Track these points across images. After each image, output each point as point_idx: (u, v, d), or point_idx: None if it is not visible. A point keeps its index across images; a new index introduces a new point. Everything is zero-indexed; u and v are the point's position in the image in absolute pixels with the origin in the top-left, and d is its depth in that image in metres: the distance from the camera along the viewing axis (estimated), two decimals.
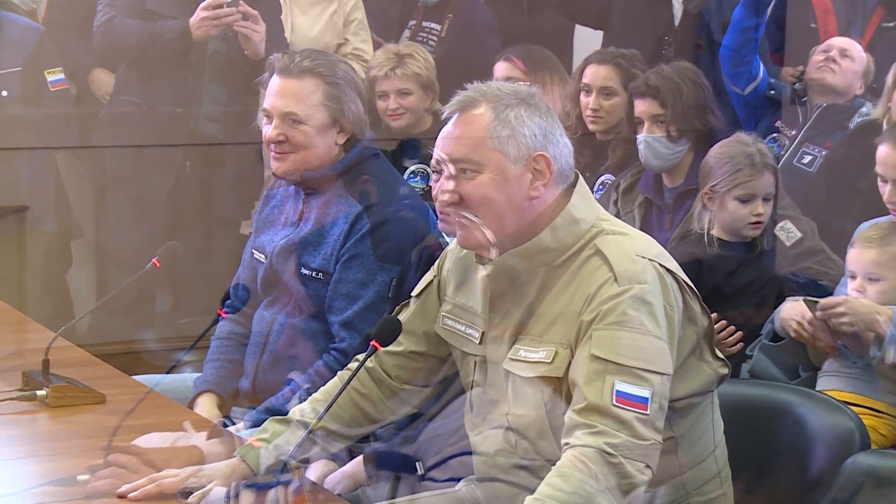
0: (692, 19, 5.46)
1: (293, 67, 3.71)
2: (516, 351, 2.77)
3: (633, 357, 2.62)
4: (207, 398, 3.85)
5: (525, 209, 2.76)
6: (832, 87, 5.03)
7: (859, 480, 2.85)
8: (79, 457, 2.97)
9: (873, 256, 3.69)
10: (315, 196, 3.79)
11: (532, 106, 2.78)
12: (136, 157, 5.50)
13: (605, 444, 2.56)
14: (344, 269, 3.66)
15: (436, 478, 3.02)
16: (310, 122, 3.71)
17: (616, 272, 2.68)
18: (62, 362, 3.57)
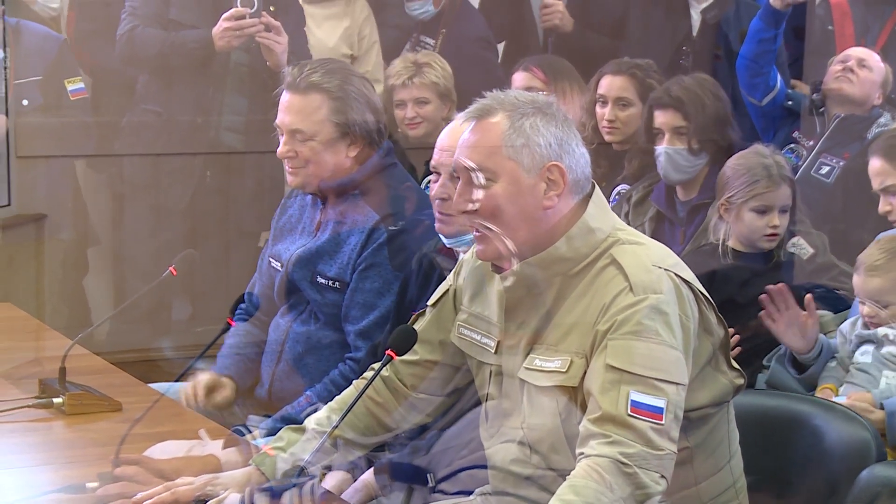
0: (710, 29, 5.44)
1: (300, 82, 3.72)
2: (531, 360, 2.77)
3: (649, 367, 2.61)
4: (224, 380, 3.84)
5: (539, 219, 2.75)
6: (850, 98, 5.01)
7: (875, 491, 2.84)
8: (94, 464, 2.97)
9: (878, 285, 3.68)
10: (332, 206, 3.79)
11: (548, 115, 2.77)
12: (156, 166, 5.52)
13: (619, 454, 2.55)
14: (360, 278, 3.67)
15: (446, 490, 3.01)
16: (317, 137, 3.72)
17: (631, 282, 2.67)
18: (79, 370, 3.59)
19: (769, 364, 3.85)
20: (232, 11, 5.10)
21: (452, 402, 3.05)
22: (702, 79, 4.60)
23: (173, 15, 5.28)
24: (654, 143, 4.53)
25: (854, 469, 2.93)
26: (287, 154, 3.74)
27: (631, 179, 4.82)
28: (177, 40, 5.23)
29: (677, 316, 2.68)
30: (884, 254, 3.70)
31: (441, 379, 3.02)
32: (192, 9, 5.30)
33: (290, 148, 3.74)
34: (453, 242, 3.34)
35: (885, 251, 3.71)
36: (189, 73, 5.29)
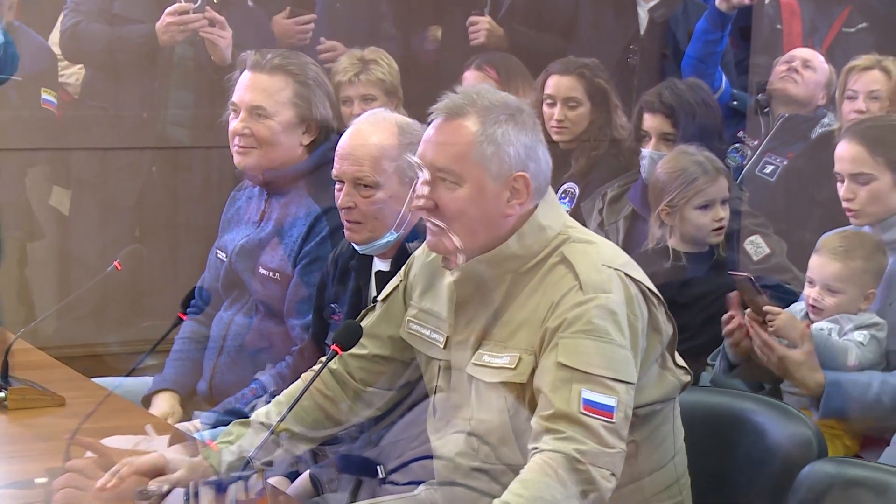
0: (658, 28, 5.47)
1: (265, 63, 3.73)
2: (480, 356, 2.78)
3: (600, 366, 2.63)
4: (165, 396, 3.84)
5: (498, 225, 2.76)
6: (794, 98, 5.05)
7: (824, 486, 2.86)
8: (38, 460, 2.96)
9: (836, 270, 3.67)
10: (277, 196, 3.79)
11: (520, 123, 2.76)
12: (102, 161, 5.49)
13: (573, 450, 2.57)
14: (304, 272, 3.66)
15: (397, 481, 3.02)
16: (276, 117, 3.72)
17: (581, 280, 2.68)
18: (22, 365, 3.56)
19: (713, 362, 3.87)
20: (175, 6, 5.08)
21: (402, 395, 3.06)
22: (695, 85, 4.61)
23: (117, 9, 5.25)
24: (641, 145, 4.54)
25: (796, 466, 2.95)
26: (242, 131, 3.74)
27: (577, 178, 4.83)
28: (122, 35, 5.20)
29: (626, 316, 2.69)
30: (848, 242, 3.69)
31: (391, 373, 3.02)
32: (136, 3, 5.26)
33: (245, 125, 3.74)
34: (364, 249, 3.34)
35: (849, 240, 3.69)
36: (134, 68, 5.26)
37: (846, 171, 3.80)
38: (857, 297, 3.67)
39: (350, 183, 3.27)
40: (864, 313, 3.69)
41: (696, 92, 4.54)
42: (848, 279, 3.66)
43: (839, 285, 3.67)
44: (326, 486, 3.19)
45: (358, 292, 3.37)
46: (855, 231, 3.77)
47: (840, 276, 3.66)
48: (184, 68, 5.28)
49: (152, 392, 3.87)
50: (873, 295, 3.69)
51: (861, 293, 3.67)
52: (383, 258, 3.34)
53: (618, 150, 4.84)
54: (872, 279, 3.68)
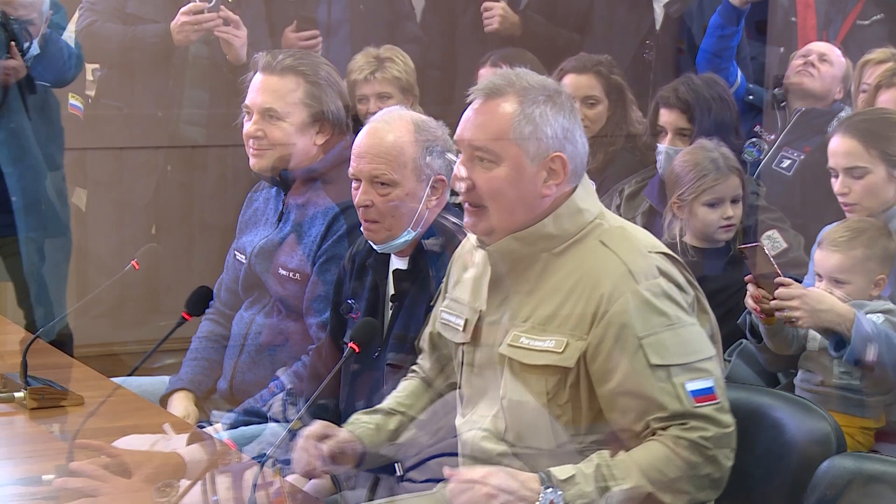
0: (673, 23, 5.46)
1: (276, 65, 3.73)
2: (517, 338, 2.78)
3: (688, 352, 2.70)
4: (181, 396, 3.85)
5: (535, 205, 2.78)
6: (811, 92, 5.04)
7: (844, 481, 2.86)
8: (56, 459, 2.96)
9: (838, 261, 3.67)
10: (294, 196, 3.79)
11: (557, 104, 2.79)
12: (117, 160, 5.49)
13: (699, 438, 2.65)
14: (321, 270, 3.66)
15: (414, 479, 3.02)
16: (289, 119, 3.73)
17: (630, 268, 2.71)
18: (41, 364, 3.56)
19: (730, 358, 3.87)
20: (190, 6, 5.07)
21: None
22: (712, 80, 4.60)
23: (131, 9, 5.25)
24: (657, 140, 4.54)
25: (814, 461, 2.94)
26: (255, 133, 3.75)
27: (595, 174, 4.81)
28: (136, 34, 5.20)
29: (680, 294, 2.74)
30: (848, 232, 3.69)
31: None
32: (150, 2, 5.26)
33: (259, 128, 3.75)
34: (382, 248, 3.34)
35: (850, 230, 3.70)
36: (149, 67, 5.26)
37: (840, 165, 3.80)
38: (865, 284, 3.67)
39: (367, 181, 3.27)
40: (878, 300, 3.69)
41: (713, 87, 4.53)
42: (851, 269, 3.65)
43: (844, 276, 3.66)
44: (344, 484, 3.20)
45: (375, 290, 3.37)
46: (857, 219, 3.76)
47: (843, 267, 3.66)
48: (199, 67, 5.29)
49: (169, 392, 3.87)
50: (884, 281, 3.68)
51: (869, 280, 3.67)
52: (401, 256, 3.34)
53: (634, 145, 4.83)
54: (879, 265, 3.67)
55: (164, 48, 5.16)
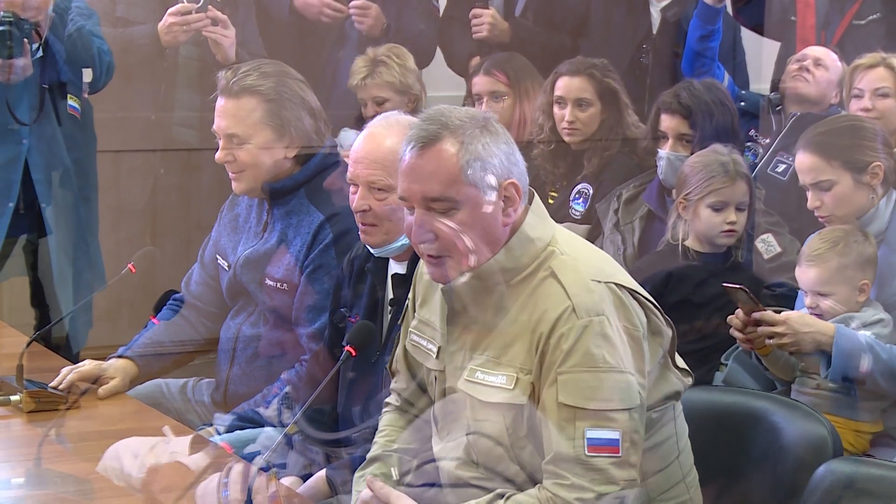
0: (670, 27, 5.46)
1: (233, 86, 3.71)
2: (473, 373, 2.77)
3: (600, 399, 2.64)
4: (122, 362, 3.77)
5: (497, 237, 2.75)
6: (806, 97, 5.05)
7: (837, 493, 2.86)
8: (52, 462, 2.96)
9: (816, 275, 3.71)
10: (279, 206, 3.79)
11: (493, 133, 2.75)
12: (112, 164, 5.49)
13: (576, 500, 2.61)
14: (309, 280, 3.66)
15: (411, 483, 3.02)
16: (252, 140, 3.72)
17: (574, 303, 2.68)
18: (37, 368, 3.56)
19: (727, 362, 3.88)
20: (178, 7, 5.05)
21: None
22: (712, 85, 4.61)
23: (120, 12, 5.23)
24: (658, 145, 4.54)
25: (811, 465, 2.95)
26: (225, 158, 3.74)
27: (591, 178, 4.83)
28: (123, 37, 5.19)
29: (622, 330, 2.69)
30: (824, 243, 3.73)
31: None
32: (140, 5, 5.25)
33: (227, 152, 3.74)
34: (380, 252, 3.34)
35: (825, 241, 3.74)
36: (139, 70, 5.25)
37: (807, 181, 3.88)
38: (849, 293, 3.70)
39: (364, 186, 3.27)
40: (868, 308, 3.72)
41: (713, 92, 4.54)
42: (829, 280, 3.69)
43: (825, 288, 3.71)
44: (341, 488, 3.20)
45: (374, 295, 3.37)
46: (830, 229, 3.81)
47: (821, 280, 3.70)
48: (190, 68, 5.28)
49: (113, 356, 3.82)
50: (868, 286, 3.72)
51: (852, 287, 3.70)
52: (399, 260, 3.34)
53: (630, 150, 4.84)
54: (860, 271, 3.70)
55: (153, 50, 5.15)
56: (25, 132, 4.63)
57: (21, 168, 4.66)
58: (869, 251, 3.72)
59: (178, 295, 4.02)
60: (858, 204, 3.84)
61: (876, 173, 3.85)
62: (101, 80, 4.78)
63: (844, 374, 3.56)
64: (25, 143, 4.64)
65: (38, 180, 4.67)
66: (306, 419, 3.32)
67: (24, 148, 4.65)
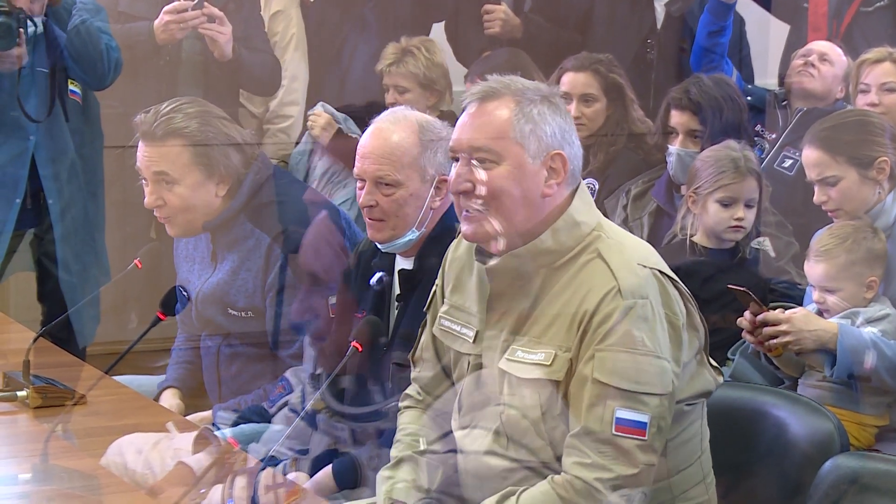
0: (675, 22, 5.46)
1: (156, 129, 3.66)
2: (513, 351, 2.78)
3: (634, 380, 2.65)
4: (169, 393, 3.85)
5: (537, 206, 2.77)
6: (811, 92, 5.04)
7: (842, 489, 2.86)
8: (59, 458, 2.96)
9: (824, 270, 3.71)
10: (221, 235, 3.76)
11: (553, 105, 2.80)
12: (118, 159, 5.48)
13: (594, 480, 2.62)
14: (276, 303, 3.66)
15: (437, 450, 3.01)
16: (183, 182, 3.67)
17: (620, 284, 2.69)
18: (44, 363, 3.56)
19: (733, 357, 3.88)
20: (174, 4, 5.03)
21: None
22: (721, 81, 4.60)
23: (123, 7, 5.21)
24: (668, 142, 4.54)
25: (817, 460, 2.95)
26: (155, 203, 3.69)
27: (596, 174, 4.83)
28: (120, 33, 5.18)
29: (664, 317, 2.71)
30: (833, 239, 3.74)
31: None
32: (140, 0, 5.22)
33: (157, 196, 3.69)
34: (387, 247, 3.34)
35: (834, 237, 3.74)
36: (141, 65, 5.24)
37: (813, 177, 3.88)
38: (856, 289, 3.70)
39: (371, 182, 3.27)
40: (875, 304, 3.71)
41: (723, 88, 4.54)
42: (836, 277, 3.69)
43: (832, 284, 3.71)
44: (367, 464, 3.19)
45: (380, 290, 3.37)
46: (840, 225, 3.81)
47: (829, 275, 3.70)
48: (193, 64, 5.27)
49: (158, 393, 3.88)
50: (876, 283, 3.72)
51: (860, 284, 3.70)
52: (405, 256, 3.34)
53: (636, 145, 4.84)
54: (868, 267, 3.70)
55: (149, 47, 5.13)
56: (33, 128, 4.63)
57: (28, 163, 4.66)
58: (878, 247, 3.72)
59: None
60: (864, 199, 3.85)
61: (882, 168, 3.85)
62: (109, 77, 4.77)
63: (849, 371, 3.56)
64: (32, 140, 4.64)
65: (44, 176, 4.67)
66: (333, 396, 3.32)
67: (31, 144, 4.65)
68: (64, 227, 4.71)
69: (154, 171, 3.66)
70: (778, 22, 5.73)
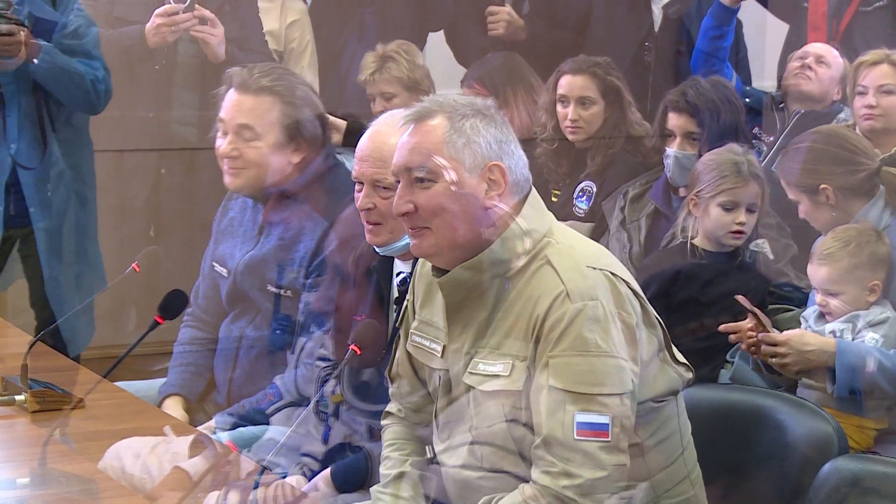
0: (672, 25, 5.46)
1: (251, 83, 3.69)
2: (475, 364, 2.79)
3: (591, 383, 2.66)
4: (172, 401, 3.84)
5: (479, 218, 2.77)
6: (808, 95, 5.05)
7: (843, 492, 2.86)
8: (57, 462, 2.96)
9: (826, 274, 3.73)
10: (275, 210, 3.77)
11: (488, 117, 2.80)
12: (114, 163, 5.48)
13: (563, 488, 2.62)
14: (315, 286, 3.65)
15: (445, 462, 3.00)
16: (265, 138, 3.70)
17: (567, 287, 2.70)
18: (41, 367, 3.56)
19: (732, 360, 3.88)
20: (165, 7, 5.03)
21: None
22: (718, 83, 4.60)
23: (118, 13, 5.21)
24: (665, 144, 4.54)
25: (817, 462, 2.96)
26: (231, 153, 3.71)
27: (594, 176, 4.84)
28: (112, 38, 5.17)
29: (616, 316, 2.71)
30: (836, 242, 3.75)
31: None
32: (137, 5, 5.22)
33: (234, 147, 3.71)
34: (385, 251, 3.34)
35: (837, 240, 3.75)
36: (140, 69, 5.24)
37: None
38: (858, 293, 3.71)
39: (369, 185, 3.26)
40: (875, 306, 3.71)
41: (720, 90, 4.54)
42: (839, 280, 3.71)
43: (835, 287, 3.72)
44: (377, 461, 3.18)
45: (379, 293, 3.37)
46: (843, 228, 3.81)
47: (832, 279, 3.72)
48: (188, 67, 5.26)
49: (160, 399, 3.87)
50: (878, 286, 3.73)
51: (862, 287, 3.71)
52: (404, 259, 3.34)
53: (634, 147, 4.84)
54: (870, 271, 3.71)
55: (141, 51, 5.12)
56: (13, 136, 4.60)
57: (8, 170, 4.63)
58: (881, 251, 3.72)
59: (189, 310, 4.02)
60: (823, 221, 3.91)
61: (827, 196, 3.87)
62: (100, 105, 4.73)
63: (850, 388, 3.57)
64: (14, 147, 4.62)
65: (25, 184, 4.64)
66: (353, 390, 3.32)
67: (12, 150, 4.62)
68: (48, 235, 4.68)
69: (239, 122, 3.69)
70: (775, 24, 5.73)
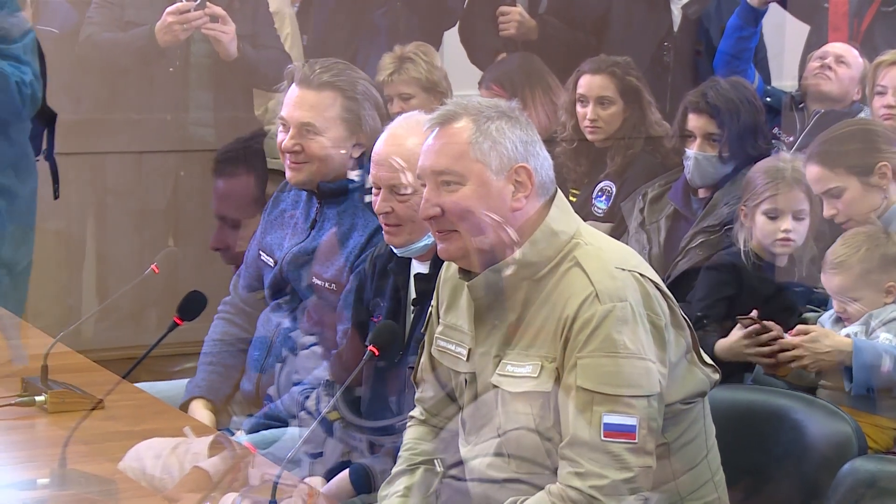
0: (691, 25, 5.46)
1: (313, 79, 3.73)
2: (504, 366, 2.79)
3: (618, 385, 2.66)
4: (198, 404, 3.86)
5: (507, 220, 2.78)
6: (828, 95, 5.04)
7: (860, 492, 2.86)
8: (77, 462, 2.97)
9: (840, 283, 3.72)
10: (330, 205, 3.79)
11: (513, 119, 2.80)
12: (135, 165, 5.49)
13: (589, 488, 2.62)
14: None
15: (458, 476, 3.01)
16: (326, 133, 3.73)
17: (597, 289, 2.70)
18: (62, 368, 3.57)
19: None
20: (176, 6, 5.04)
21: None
22: (739, 84, 4.58)
23: (129, 17, 5.22)
24: (685, 145, 4.53)
25: (835, 463, 2.96)
26: (293, 148, 3.74)
27: (614, 176, 4.84)
28: (123, 40, 5.18)
29: (645, 317, 2.71)
30: (847, 249, 3.73)
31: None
32: (148, 8, 5.22)
33: (296, 142, 3.74)
34: (403, 252, 3.34)
35: (848, 247, 3.74)
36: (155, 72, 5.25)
37: (819, 191, 3.91)
38: (875, 296, 3.71)
39: (386, 188, 3.27)
40: (890, 305, 3.70)
41: (740, 91, 4.51)
42: (854, 287, 3.70)
43: (850, 294, 3.72)
44: (379, 476, 3.19)
45: (397, 294, 3.38)
46: (852, 233, 3.80)
47: (845, 287, 3.71)
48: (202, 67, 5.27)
49: (187, 400, 3.88)
50: (894, 287, 3.72)
51: (878, 290, 3.71)
52: (422, 260, 3.34)
53: (654, 148, 4.84)
54: (884, 273, 3.71)
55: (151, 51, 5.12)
56: None
57: None
58: (893, 251, 3.71)
59: (228, 298, 4.02)
60: (871, 206, 3.88)
61: (884, 173, 3.85)
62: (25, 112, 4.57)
63: (867, 386, 3.57)
64: None
65: None
66: (348, 406, 3.33)
67: None
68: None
69: (301, 118, 3.72)
70: (794, 24, 5.71)
